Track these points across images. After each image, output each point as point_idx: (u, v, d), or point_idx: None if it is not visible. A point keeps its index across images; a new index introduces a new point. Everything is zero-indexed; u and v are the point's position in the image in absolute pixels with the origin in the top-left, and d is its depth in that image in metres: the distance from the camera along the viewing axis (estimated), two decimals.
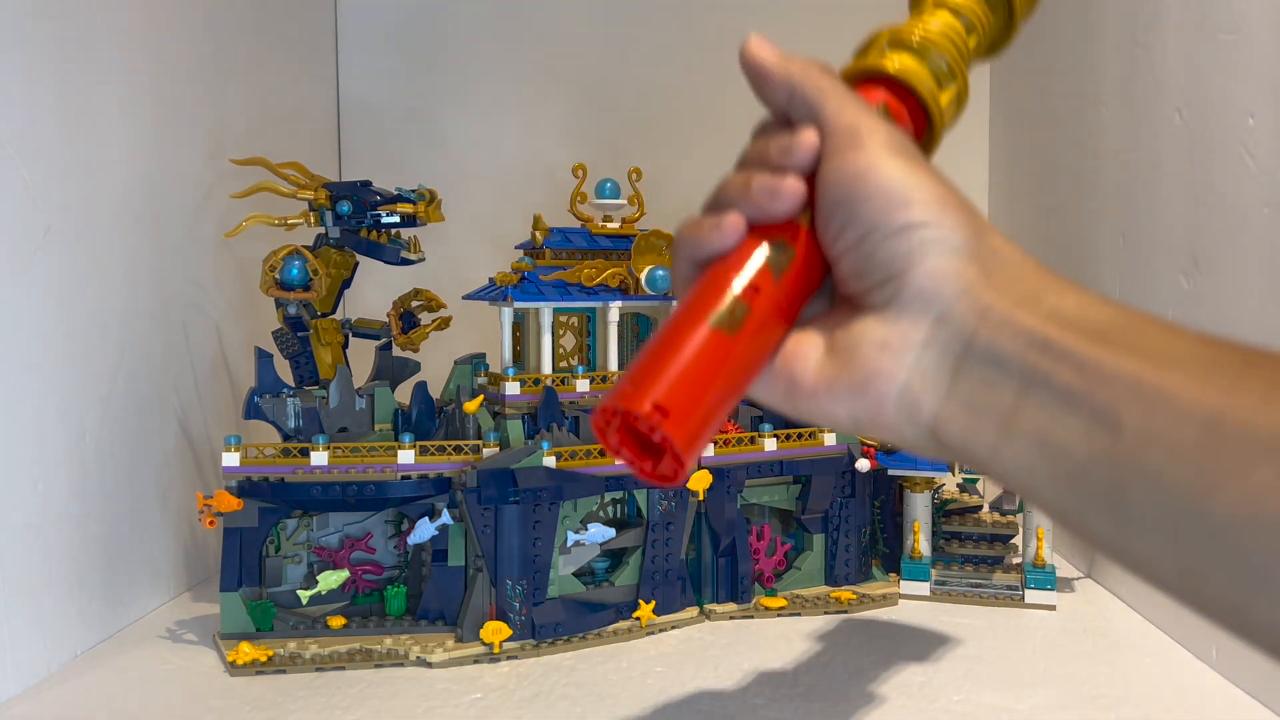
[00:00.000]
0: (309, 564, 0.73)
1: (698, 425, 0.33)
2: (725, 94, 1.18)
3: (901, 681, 0.63)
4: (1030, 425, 0.29)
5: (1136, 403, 0.27)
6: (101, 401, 0.71)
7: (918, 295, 0.31)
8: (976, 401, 0.30)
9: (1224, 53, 0.68)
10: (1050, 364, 0.29)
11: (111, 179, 0.73)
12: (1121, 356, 0.28)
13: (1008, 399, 0.30)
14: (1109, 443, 0.27)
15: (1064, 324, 0.29)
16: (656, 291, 0.77)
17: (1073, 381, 0.28)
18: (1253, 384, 0.25)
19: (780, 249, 0.35)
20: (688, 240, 0.36)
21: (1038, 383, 0.29)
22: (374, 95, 1.18)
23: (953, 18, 0.41)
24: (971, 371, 0.31)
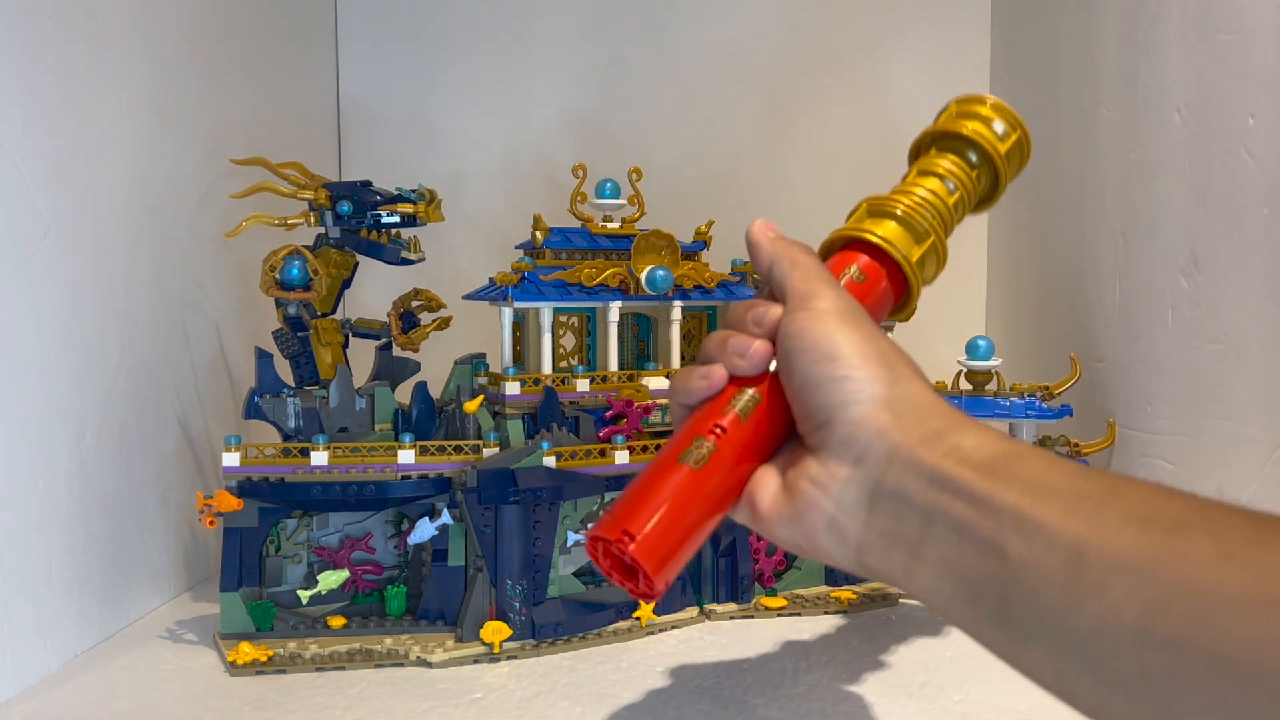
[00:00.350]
0: (309, 564, 0.73)
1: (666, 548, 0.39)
2: (725, 94, 1.18)
3: (901, 681, 0.63)
4: (934, 552, 0.34)
5: (1017, 533, 0.31)
6: (101, 401, 0.71)
7: (841, 439, 0.38)
8: (889, 531, 0.36)
9: (1224, 53, 0.68)
10: (947, 499, 0.34)
11: (111, 179, 0.73)
12: (1007, 489, 0.33)
13: (914, 530, 0.35)
14: (997, 568, 0.32)
15: (959, 460, 0.34)
16: (656, 291, 0.77)
17: (966, 514, 0.33)
18: (1110, 513, 0.30)
19: (749, 397, 0.41)
20: (679, 388, 0.43)
21: (937, 516, 0.34)
22: (374, 95, 1.18)
23: (939, 183, 0.47)
24: (884, 506, 0.36)
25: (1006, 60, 1.13)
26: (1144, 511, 0.29)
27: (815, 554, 0.39)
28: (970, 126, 0.48)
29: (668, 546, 0.39)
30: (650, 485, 0.40)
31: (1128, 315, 0.82)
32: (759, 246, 0.44)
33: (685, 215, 0.88)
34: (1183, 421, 0.74)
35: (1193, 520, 0.29)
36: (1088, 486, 0.31)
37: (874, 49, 1.18)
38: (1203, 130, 0.71)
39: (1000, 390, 0.80)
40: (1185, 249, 0.73)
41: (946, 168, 0.47)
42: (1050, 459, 0.34)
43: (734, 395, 0.41)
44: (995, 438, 0.36)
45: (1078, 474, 0.32)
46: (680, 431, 0.42)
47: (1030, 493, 0.32)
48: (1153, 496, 0.30)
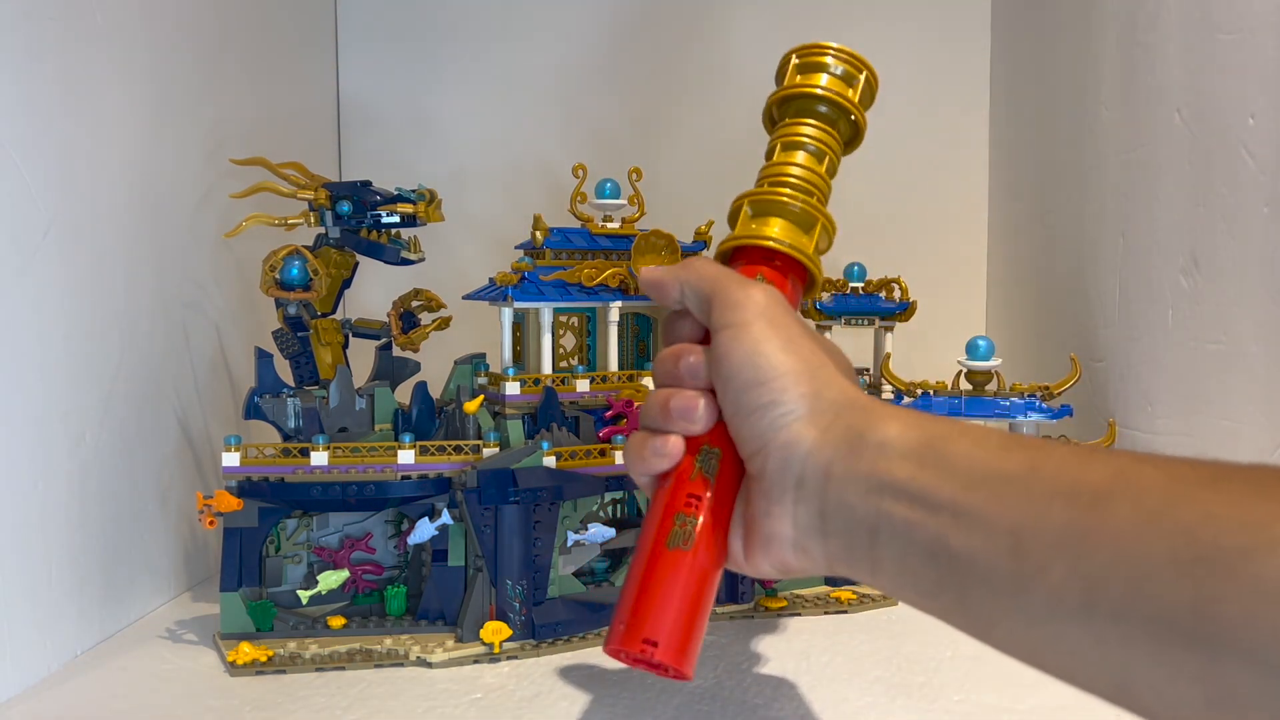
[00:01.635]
0: (309, 564, 0.73)
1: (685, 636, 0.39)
2: (725, 94, 1.18)
3: (901, 681, 0.63)
4: (888, 556, 0.35)
5: (956, 527, 0.32)
6: (101, 401, 0.71)
7: (778, 466, 0.38)
8: (846, 542, 0.37)
9: (1224, 53, 0.68)
10: (888, 503, 0.35)
11: (111, 179, 0.73)
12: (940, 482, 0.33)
13: (865, 540, 0.36)
14: (947, 564, 0.33)
15: (888, 457, 0.35)
16: None
17: (907, 515, 0.34)
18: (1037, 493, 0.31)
19: (707, 453, 0.41)
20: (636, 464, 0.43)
21: (882, 523, 0.35)
22: (374, 95, 1.18)
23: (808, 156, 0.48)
24: (834, 522, 0.37)
25: (1006, 60, 1.13)
26: (1067, 485, 0.30)
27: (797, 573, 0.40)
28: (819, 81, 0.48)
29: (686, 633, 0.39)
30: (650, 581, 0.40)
31: (1128, 315, 0.82)
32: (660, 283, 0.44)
33: (685, 215, 0.88)
34: (1183, 421, 0.74)
35: (1113, 486, 0.29)
36: (1012, 464, 0.32)
37: (873, 49, 1.17)
38: (1203, 130, 0.71)
39: (1000, 390, 0.80)
40: (1185, 249, 0.73)
41: (810, 135, 0.48)
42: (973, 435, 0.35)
43: (695, 457, 0.41)
44: (917, 421, 0.36)
45: (1001, 449, 0.33)
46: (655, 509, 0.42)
47: (962, 482, 0.33)
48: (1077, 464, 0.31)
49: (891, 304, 0.88)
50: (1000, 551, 0.31)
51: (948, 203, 1.17)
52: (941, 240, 1.17)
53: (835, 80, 0.48)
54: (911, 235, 1.16)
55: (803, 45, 0.49)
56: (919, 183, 1.17)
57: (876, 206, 1.17)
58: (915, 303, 0.88)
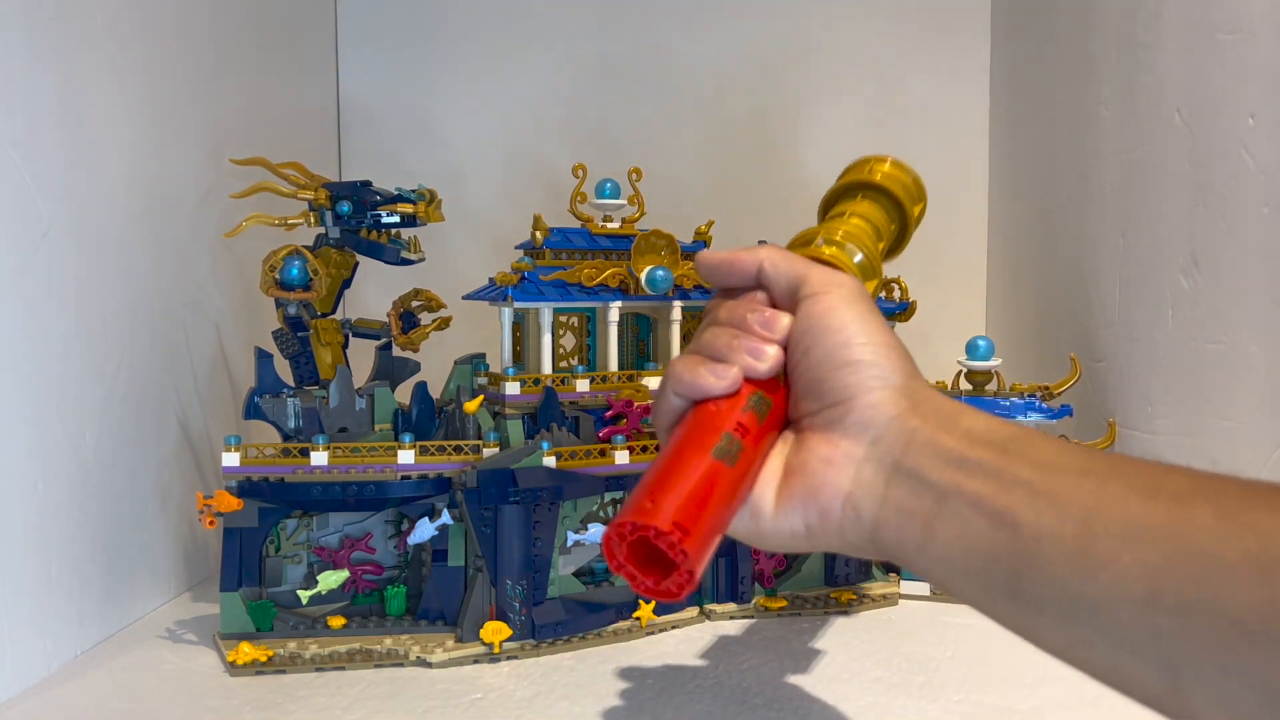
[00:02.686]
0: (309, 564, 0.73)
1: (705, 545, 0.38)
2: (726, 94, 1.18)
3: (901, 681, 0.63)
4: (948, 527, 0.35)
5: (1029, 504, 0.33)
6: (101, 401, 0.71)
7: (859, 420, 0.39)
8: (906, 507, 0.37)
9: (1224, 53, 0.68)
10: (963, 476, 0.35)
11: (111, 179, 0.73)
12: (1019, 466, 0.34)
13: (929, 505, 0.36)
14: (1009, 539, 0.33)
15: (974, 441, 0.36)
16: (656, 291, 0.77)
17: (980, 489, 0.34)
18: (1115, 486, 0.31)
19: (761, 399, 0.41)
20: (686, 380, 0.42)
21: (952, 491, 0.35)
22: (374, 95, 1.18)
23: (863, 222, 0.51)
24: (901, 483, 0.37)
25: (1006, 60, 1.13)
26: (1147, 484, 0.31)
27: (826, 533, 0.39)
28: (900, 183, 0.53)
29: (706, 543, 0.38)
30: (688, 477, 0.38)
31: (1128, 315, 0.82)
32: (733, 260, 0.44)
33: (685, 215, 0.88)
34: (1183, 421, 0.74)
35: (1193, 489, 0.29)
36: (1093, 463, 0.33)
37: (873, 48, 1.18)
38: (1203, 130, 0.71)
39: (1000, 390, 0.80)
40: (1185, 249, 0.73)
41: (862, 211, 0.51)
42: (1057, 441, 0.36)
43: (746, 397, 0.41)
44: (1003, 423, 0.37)
45: (1083, 452, 0.34)
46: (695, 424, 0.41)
47: (1041, 469, 0.33)
48: (1153, 470, 0.31)
49: (891, 304, 0.88)
50: (1069, 532, 0.31)
51: (948, 203, 1.17)
52: (941, 240, 1.16)
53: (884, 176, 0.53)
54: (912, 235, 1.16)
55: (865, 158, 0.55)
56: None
57: None
58: (915, 303, 0.88)
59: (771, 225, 1.01)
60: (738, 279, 0.45)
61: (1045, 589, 0.32)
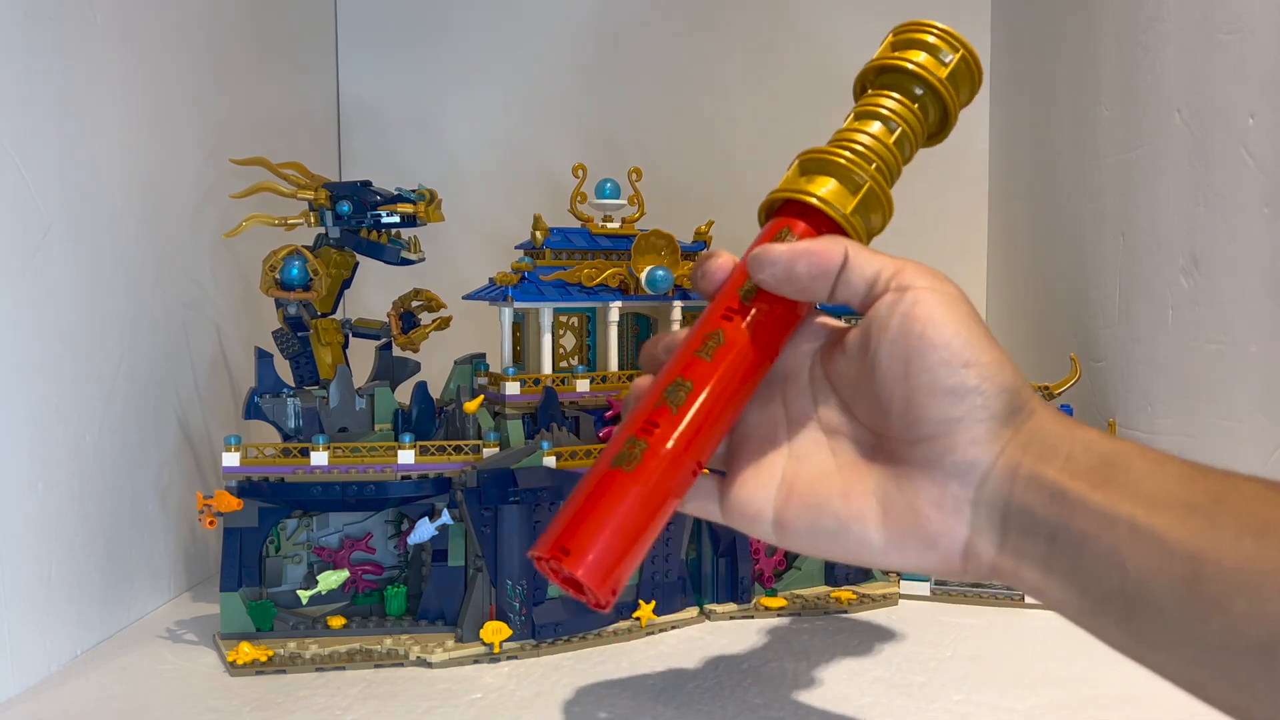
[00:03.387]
0: (309, 564, 0.73)
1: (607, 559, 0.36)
2: (726, 94, 1.18)
3: (901, 681, 0.63)
4: (1060, 567, 0.34)
5: (1134, 545, 0.31)
6: (101, 401, 0.71)
7: (964, 460, 0.36)
8: (1021, 550, 0.35)
9: (1224, 53, 0.68)
10: (1068, 513, 0.34)
11: (111, 179, 0.73)
12: (1121, 500, 0.32)
13: (1042, 547, 0.34)
14: (1118, 580, 0.32)
15: (1074, 473, 0.34)
16: (656, 291, 0.77)
17: (1085, 527, 0.33)
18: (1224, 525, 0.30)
19: (678, 385, 0.39)
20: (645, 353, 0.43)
21: (1061, 530, 0.34)
22: (374, 95, 1.18)
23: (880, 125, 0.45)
24: (1014, 527, 0.35)
25: (1006, 60, 1.13)
26: (1258, 523, 0.30)
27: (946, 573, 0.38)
28: (907, 56, 0.46)
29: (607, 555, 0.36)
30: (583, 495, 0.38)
31: (1128, 315, 0.82)
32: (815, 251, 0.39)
33: (685, 215, 0.88)
34: (1183, 421, 0.74)
35: None
36: (1196, 493, 0.32)
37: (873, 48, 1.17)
38: (1203, 130, 0.71)
39: None
40: (1185, 249, 0.73)
41: (887, 106, 0.45)
42: (1155, 458, 0.34)
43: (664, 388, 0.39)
44: (1100, 438, 0.35)
45: (1184, 477, 0.33)
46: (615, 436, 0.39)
47: (1143, 503, 0.32)
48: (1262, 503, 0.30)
49: None
50: (1177, 578, 0.30)
51: (948, 203, 1.17)
52: (941, 240, 1.17)
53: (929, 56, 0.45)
54: (912, 235, 1.16)
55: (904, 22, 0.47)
56: (919, 183, 1.17)
57: None
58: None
59: None
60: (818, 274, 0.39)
61: (1159, 629, 0.31)
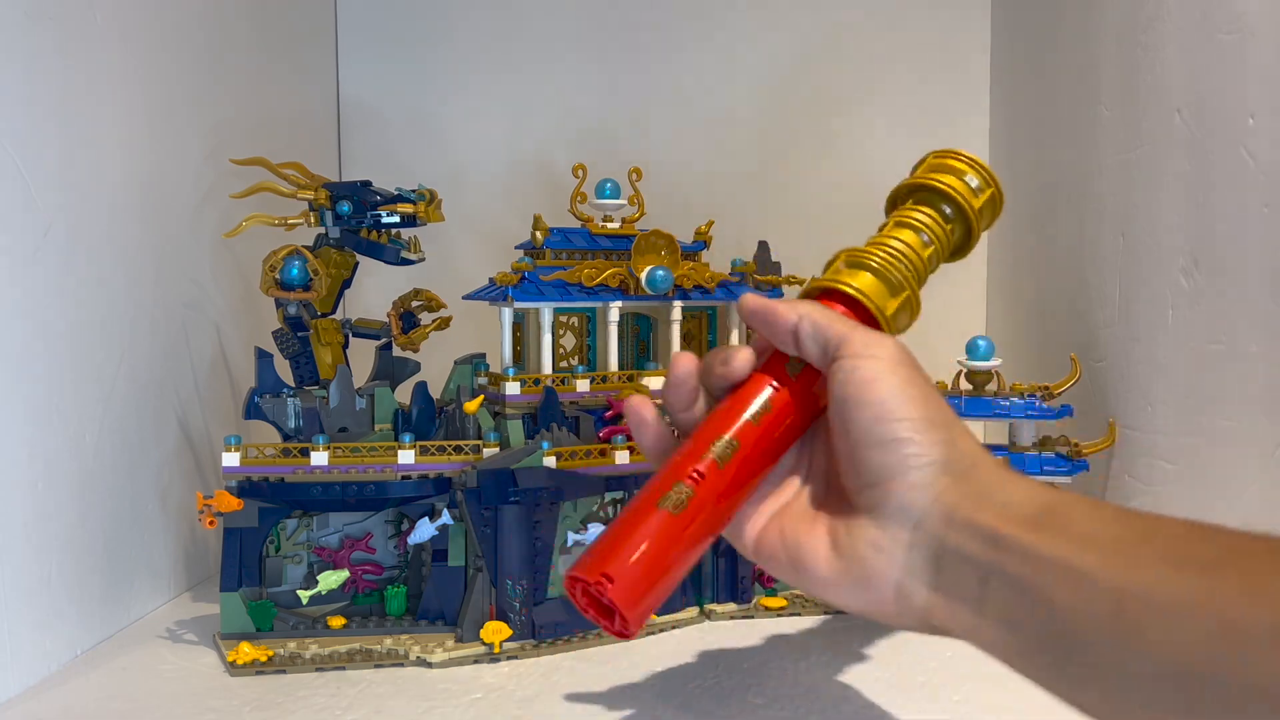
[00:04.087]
0: (309, 564, 0.73)
1: (643, 590, 0.40)
2: (726, 94, 1.18)
3: (901, 681, 0.63)
4: (994, 609, 0.35)
5: (1063, 584, 0.33)
6: (101, 401, 0.71)
7: (901, 505, 0.38)
8: (954, 593, 0.37)
9: (1224, 53, 0.68)
10: (1003, 556, 0.35)
11: (111, 179, 0.73)
12: (1054, 541, 0.34)
13: (975, 589, 0.36)
14: (1048, 619, 0.33)
15: (1009, 518, 0.36)
16: (656, 291, 0.77)
17: (1019, 570, 0.34)
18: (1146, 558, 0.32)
19: (726, 443, 0.42)
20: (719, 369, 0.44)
21: (995, 573, 0.35)
22: (374, 95, 1.18)
23: (914, 235, 0.49)
24: (947, 568, 0.37)
25: (1006, 60, 1.13)
26: (1177, 557, 0.31)
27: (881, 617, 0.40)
28: (945, 180, 0.50)
29: (645, 588, 0.41)
30: (629, 528, 0.41)
31: (1128, 315, 0.82)
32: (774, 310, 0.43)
33: (685, 215, 0.88)
34: (1183, 421, 0.74)
35: (1222, 559, 0.30)
36: (1125, 533, 0.33)
37: (874, 47, 1.18)
38: (1203, 130, 0.71)
39: (1000, 390, 0.80)
40: (1185, 249, 0.73)
41: (921, 220, 0.49)
42: (1091, 505, 0.36)
43: (712, 441, 0.43)
44: (1040, 490, 0.37)
45: (1115, 520, 0.34)
46: (657, 475, 0.43)
47: (1074, 543, 0.33)
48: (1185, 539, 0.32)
49: None
50: (1103, 611, 0.31)
51: None
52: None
53: (962, 183, 0.50)
54: None
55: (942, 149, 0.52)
56: None
57: (877, 206, 1.16)
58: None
59: (771, 225, 1.01)
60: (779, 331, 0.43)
61: (1086, 665, 0.32)
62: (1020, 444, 0.79)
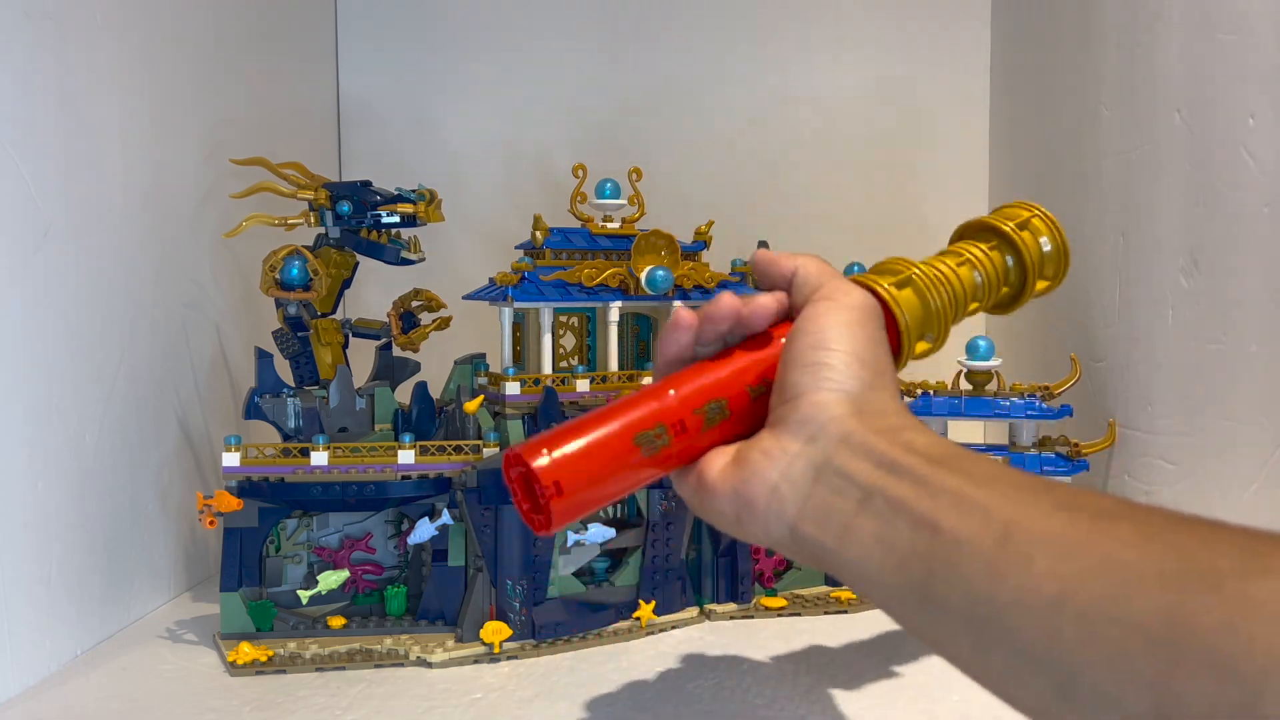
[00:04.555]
0: (309, 564, 0.73)
1: (579, 506, 0.40)
2: (726, 94, 1.18)
3: (901, 681, 0.63)
4: (867, 526, 0.36)
5: (953, 511, 0.33)
6: (101, 401, 0.71)
7: (801, 417, 0.40)
8: (828, 504, 0.38)
9: (1224, 53, 0.68)
10: (892, 480, 0.36)
11: (111, 179, 0.73)
12: (951, 476, 0.35)
13: (852, 505, 0.37)
14: (927, 541, 0.34)
15: (910, 451, 0.37)
16: (656, 291, 0.77)
17: (906, 493, 0.35)
18: (1043, 501, 0.32)
19: (719, 407, 0.43)
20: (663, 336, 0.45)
21: (877, 493, 0.36)
22: (374, 94, 1.18)
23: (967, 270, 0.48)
24: (827, 480, 0.38)
25: (1006, 60, 1.13)
26: (1074, 502, 0.32)
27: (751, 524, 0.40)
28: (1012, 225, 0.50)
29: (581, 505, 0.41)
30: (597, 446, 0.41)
31: (1128, 315, 0.82)
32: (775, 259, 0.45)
33: (685, 215, 0.88)
34: (1183, 421, 0.74)
35: (1118, 510, 0.30)
36: (1025, 481, 0.34)
37: (874, 46, 1.18)
38: (1203, 130, 0.71)
39: (1000, 390, 0.80)
40: (1185, 249, 0.73)
41: (976, 255, 0.49)
42: (995, 462, 0.36)
43: (710, 398, 0.42)
44: (947, 442, 0.38)
45: (1018, 472, 0.35)
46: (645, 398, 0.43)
47: (971, 480, 0.34)
48: (1085, 495, 0.32)
49: None
50: (989, 537, 0.32)
51: (948, 203, 1.17)
52: (941, 240, 1.16)
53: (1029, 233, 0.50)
54: (911, 235, 1.16)
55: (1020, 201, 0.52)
56: (919, 182, 1.17)
57: (876, 206, 1.17)
58: None
59: (771, 225, 1.01)
60: (774, 278, 0.46)
61: (954, 592, 0.32)
62: (1020, 444, 0.79)
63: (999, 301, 0.51)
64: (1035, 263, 0.50)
